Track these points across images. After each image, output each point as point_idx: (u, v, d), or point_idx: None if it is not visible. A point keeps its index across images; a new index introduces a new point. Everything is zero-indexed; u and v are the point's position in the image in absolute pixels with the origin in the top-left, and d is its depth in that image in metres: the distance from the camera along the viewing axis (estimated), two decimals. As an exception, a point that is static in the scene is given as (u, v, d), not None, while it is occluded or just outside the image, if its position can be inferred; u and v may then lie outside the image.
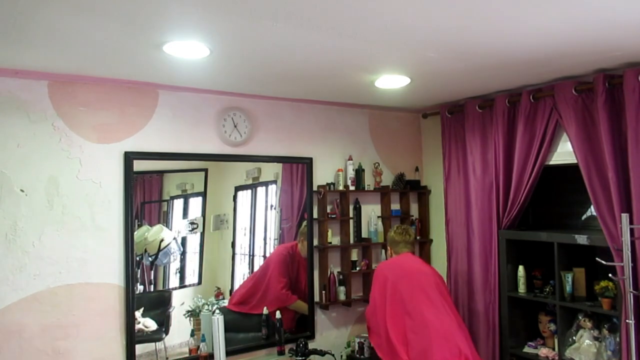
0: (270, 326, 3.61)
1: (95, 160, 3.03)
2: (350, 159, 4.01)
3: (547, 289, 3.43)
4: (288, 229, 3.78)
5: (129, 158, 3.12)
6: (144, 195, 3.24)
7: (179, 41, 2.37)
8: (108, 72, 2.93)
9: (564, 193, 3.72)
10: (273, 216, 3.73)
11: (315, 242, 3.86)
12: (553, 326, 3.44)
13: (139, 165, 3.16)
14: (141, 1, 1.90)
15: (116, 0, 1.89)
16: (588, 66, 2.97)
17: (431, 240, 4.39)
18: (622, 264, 2.82)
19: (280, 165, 3.75)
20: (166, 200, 3.34)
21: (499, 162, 3.63)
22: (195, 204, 3.44)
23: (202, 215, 3.45)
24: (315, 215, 3.86)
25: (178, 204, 3.39)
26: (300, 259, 3.81)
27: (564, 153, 3.32)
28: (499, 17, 2.16)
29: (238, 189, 3.62)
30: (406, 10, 2.06)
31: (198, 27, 2.21)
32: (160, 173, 3.33)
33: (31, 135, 2.85)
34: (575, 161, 3.16)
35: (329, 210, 3.86)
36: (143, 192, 3.24)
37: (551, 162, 3.40)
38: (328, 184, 3.87)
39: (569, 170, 3.32)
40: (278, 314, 3.60)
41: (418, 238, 4.32)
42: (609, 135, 2.96)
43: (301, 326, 3.82)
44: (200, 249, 3.47)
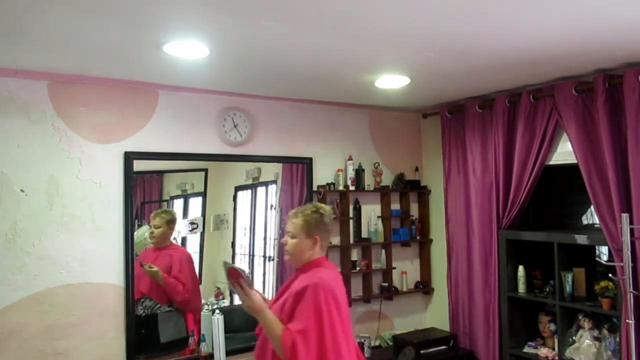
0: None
1: (95, 160, 3.03)
2: (350, 159, 4.01)
3: (547, 289, 3.42)
4: (288, 229, 3.78)
5: (129, 158, 3.11)
6: (144, 195, 3.24)
7: (179, 41, 2.36)
8: (108, 72, 2.93)
9: (564, 193, 3.72)
10: (273, 216, 3.73)
11: (315, 242, 3.85)
12: (553, 326, 3.44)
13: (139, 165, 3.16)
14: (141, 1, 1.90)
15: (116, 0, 1.89)
16: (588, 66, 2.97)
17: (431, 240, 4.38)
18: (622, 264, 2.82)
19: (280, 165, 3.75)
20: (166, 200, 3.34)
21: (499, 162, 3.63)
22: (195, 204, 3.44)
23: (202, 215, 3.45)
24: (315, 215, 3.86)
25: (178, 204, 3.39)
26: None
27: (564, 153, 3.32)
28: (499, 17, 2.16)
29: (238, 189, 3.62)
30: (406, 10, 2.06)
31: (198, 27, 2.21)
32: (160, 173, 3.33)
33: (31, 135, 2.85)
34: (575, 161, 3.16)
35: (329, 210, 3.86)
36: (143, 192, 3.24)
37: (551, 162, 3.40)
38: (328, 184, 3.86)
39: (569, 170, 3.32)
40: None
41: (418, 238, 4.32)
42: (609, 135, 2.96)
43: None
44: (200, 249, 3.46)
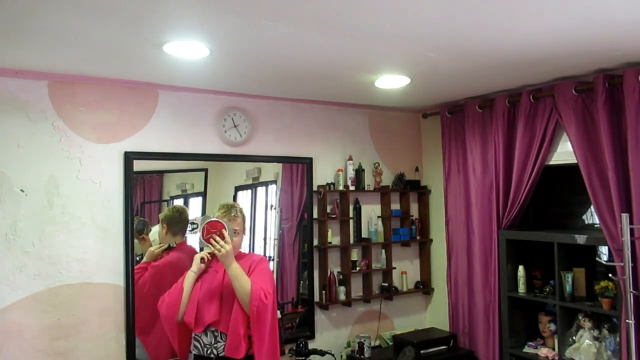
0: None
1: (95, 160, 3.03)
2: (350, 159, 4.01)
3: (547, 289, 3.43)
4: (288, 229, 3.78)
5: (129, 158, 3.12)
6: (144, 195, 3.24)
7: (179, 41, 2.36)
8: (108, 72, 2.93)
9: (564, 193, 3.72)
10: (273, 216, 3.73)
11: (315, 242, 3.86)
12: (553, 326, 3.44)
13: (139, 165, 3.16)
14: (141, 1, 1.90)
15: (116, 1, 1.89)
16: (588, 66, 2.97)
17: (431, 240, 4.38)
18: (622, 264, 2.82)
19: (280, 165, 3.75)
20: (166, 200, 3.34)
21: (499, 162, 3.63)
22: (195, 204, 3.44)
23: (202, 215, 3.45)
24: (315, 215, 3.86)
25: (178, 204, 3.39)
26: None
27: (564, 153, 3.32)
28: (498, 17, 2.16)
29: (238, 189, 3.62)
30: (406, 10, 2.06)
31: (198, 27, 2.21)
32: (160, 173, 3.33)
33: (31, 135, 2.85)
34: (575, 161, 3.16)
35: (329, 210, 3.86)
36: (143, 192, 3.24)
37: (551, 162, 3.40)
38: (328, 184, 3.87)
39: (569, 170, 3.32)
40: (279, 314, 3.59)
41: (418, 238, 4.32)
42: (609, 135, 2.96)
43: (301, 326, 3.82)
44: (200, 249, 3.46)
